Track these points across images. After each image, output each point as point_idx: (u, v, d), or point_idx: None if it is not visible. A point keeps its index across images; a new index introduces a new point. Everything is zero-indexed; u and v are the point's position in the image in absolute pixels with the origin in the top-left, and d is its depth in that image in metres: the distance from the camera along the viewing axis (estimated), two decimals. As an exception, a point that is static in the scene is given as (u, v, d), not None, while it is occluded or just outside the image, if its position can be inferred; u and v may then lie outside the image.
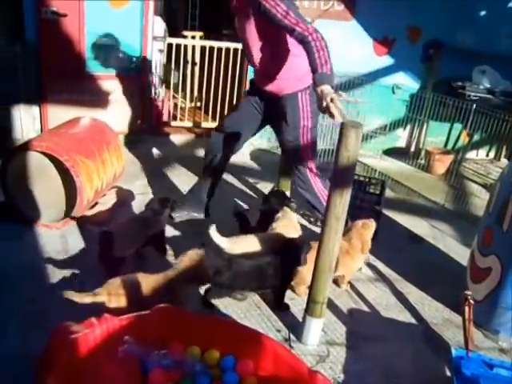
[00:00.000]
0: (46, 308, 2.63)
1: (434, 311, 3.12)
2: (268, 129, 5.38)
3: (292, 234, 3.12)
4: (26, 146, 3.31)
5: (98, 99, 4.76)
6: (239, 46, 5.23)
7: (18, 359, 2.25)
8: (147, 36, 4.88)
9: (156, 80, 5.28)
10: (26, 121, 4.79)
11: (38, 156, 3.29)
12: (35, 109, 4.80)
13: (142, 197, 3.85)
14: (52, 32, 4.57)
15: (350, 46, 5.32)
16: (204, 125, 5.58)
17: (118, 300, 2.35)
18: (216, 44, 5.30)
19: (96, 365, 2.04)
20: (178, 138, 5.29)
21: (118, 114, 4.92)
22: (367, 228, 3.12)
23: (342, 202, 2.33)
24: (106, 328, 2.12)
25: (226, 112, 5.39)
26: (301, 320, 2.69)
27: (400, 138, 5.93)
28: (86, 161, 3.36)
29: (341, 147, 2.26)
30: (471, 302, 2.50)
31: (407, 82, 5.66)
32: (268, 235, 3.08)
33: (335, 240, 2.41)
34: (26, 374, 2.07)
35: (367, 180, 4.23)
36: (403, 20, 5.41)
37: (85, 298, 2.32)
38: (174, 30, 6.32)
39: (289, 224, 3.18)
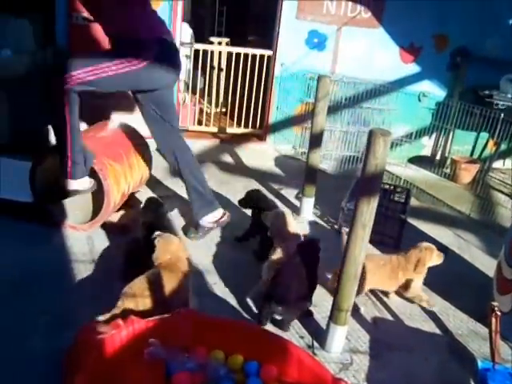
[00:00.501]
0: (73, 308, 2.67)
1: (458, 322, 3.08)
2: (294, 135, 5.45)
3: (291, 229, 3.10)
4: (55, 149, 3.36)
5: (126, 103, 4.81)
6: (265, 52, 5.29)
7: (46, 359, 2.28)
8: (175, 42, 4.92)
9: (182, 85, 5.33)
10: (55, 124, 4.87)
11: (67, 159, 3.34)
12: (64, 112, 4.87)
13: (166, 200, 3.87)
14: (82, 37, 4.65)
15: (377, 54, 5.34)
16: (229, 130, 5.62)
17: (144, 302, 2.38)
18: (242, 50, 5.34)
19: (121, 366, 2.07)
20: (202, 143, 5.32)
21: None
22: (429, 251, 3.04)
23: (369, 209, 2.32)
24: (132, 330, 2.16)
25: (250, 118, 5.44)
26: (324, 327, 2.67)
27: (425, 146, 5.88)
28: (114, 164, 3.41)
29: (369, 155, 2.25)
30: (498, 313, 2.47)
31: (433, 90, 5.61)
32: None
33: (361, 247, 2.40)
34: (53, 374, 2.11)
35: (392, 188, 4.21)
36: (430, 28, 5.37)
37: (113, 311, 2.36)
38: (200, 36, 6.40)
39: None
